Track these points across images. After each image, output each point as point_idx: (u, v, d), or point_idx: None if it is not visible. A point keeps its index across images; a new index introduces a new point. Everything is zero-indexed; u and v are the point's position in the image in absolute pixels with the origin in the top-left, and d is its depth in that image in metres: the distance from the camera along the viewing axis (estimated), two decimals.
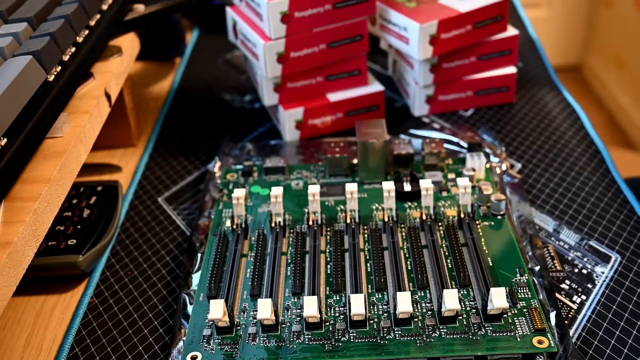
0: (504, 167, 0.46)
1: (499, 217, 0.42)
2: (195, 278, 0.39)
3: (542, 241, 0.41)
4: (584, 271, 0.39)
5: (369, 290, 0.37)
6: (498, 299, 0.34)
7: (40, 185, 0.33)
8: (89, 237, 0.42)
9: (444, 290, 0.34)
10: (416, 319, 0.35)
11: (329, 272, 0.39)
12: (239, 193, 0.42)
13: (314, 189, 0.41)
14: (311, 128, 0.53)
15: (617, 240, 0.41)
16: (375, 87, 0.53)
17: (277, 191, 0.42)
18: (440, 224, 0.41)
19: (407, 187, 0.44)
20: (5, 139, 0.32)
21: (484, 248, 0.39)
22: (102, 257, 0.43)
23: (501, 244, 0.40)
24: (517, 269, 0.38)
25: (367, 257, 0.39)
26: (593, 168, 0.48)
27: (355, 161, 0.48)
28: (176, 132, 0.57)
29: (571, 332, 0.35)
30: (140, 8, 0.52)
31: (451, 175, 0.46)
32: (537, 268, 0.38)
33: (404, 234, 0.41)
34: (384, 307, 0.36)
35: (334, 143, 0.48)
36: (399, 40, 0.53)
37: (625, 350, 0.34)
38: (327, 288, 0.37)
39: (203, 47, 0.72)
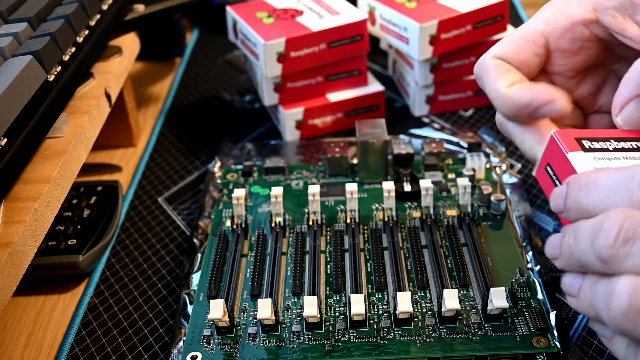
0: (504, 167, 0.46)
1: (499, 217, 0.42)
2: (195, 278, 0.39)
3: (542, 241, 0.41)
4: None
5: (369, 290, 0.37)
6: (498, 299, 0.34)
7: (40, 185, 0.33)
8: (89, 237, 0.42)
9: (444, 290, 0.34)
10: (416, 319, 0.35)
11: (329, 272, 0.39)
12: (239, 193, 0.42)
13: (314, 189, 0.41)
14: (311, 128, 0.53)
15: None
16: (375, 87, 0.53)
17: (277, 191, 0.42)
18: (440, 224, 0.41)
19: (407, 187, 0.44)
20: (5, 139, 0.32)
21: (484, 248, 0.39)
22: (102, 257, 0.43)
23: (501, 244, 0.40)
24: (517, 269, 0.38)
25: (367, 257, 0.39)
26: None
27: (355, 161, 0.48)
28: (176, 132, 0.57)
29: (571, 332, 0.35)
30: (140, 8, 0.52)
31: (451, 175, 0.46)
32: (537, 268, 0.38)
33: (404, 234, 0.41)
34: (384, 307, 0.36)
35: (334, 143, 0.48)
36: (399, 40, 0.53)
37: None
38: (327, 288, 0.37)
39: (203, 47, 0.72)
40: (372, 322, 0.35)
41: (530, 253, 0.39)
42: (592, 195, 0.26)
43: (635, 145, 0.30)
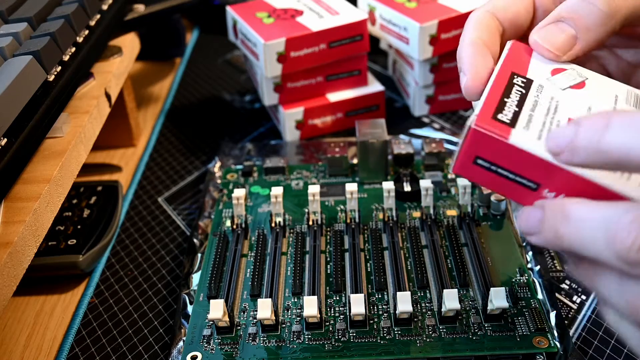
0: None
1: (499, 217, 0.42)
2: (195, 278, 0.39)
3: None
4: None
5: (369, 290, 0.37)
6: (498, 298, 0.34)
7: (40, 185, 0.33)
8: (89, 237, 0.42)
9: (444, 290, 0.34)
10: (416, 319, 0.35)
11: (329, 272, 0.39)
12: (239, 193, 0.42)
13: (314, 189, 0.41)
14: (311, 128, 0.53)
15: None
16: (375, 87, 0.53)
17: (277, 191, 0.42)
18: (440, 224, 0.41)
19: (407, 187, 0.44)
20: (5, 139, 0.32)
21: (484, 248, 0.39)
22: (102, 257, 0.43)
23: (501, 244, 0.40)
24: (517, 269, 0.38)
25: (367, 257, 0.39)
26: None
27: (355, 161, 0.48)
28: (176, 132, 0.57)
29: (571, 332, 0.35)
30: (140, 8, 0.52)
31: (451, 175, 0.46)
32: (537, 268, 0.38)
33: (404, 234, 0.41)
34: (384, 307, 0.36)
35: (334, 143, 0.48)
36: (399, 40, 0.53)
37: (625, 350, 0.34)
38: (327, 288, 0.37)
39: (203, 47, 0.72)
40: (372, 322, 0.35)
41: (530, 253, 0.39)
42: (571, 230, 0.24)
43: (521, 82, 0.29)
